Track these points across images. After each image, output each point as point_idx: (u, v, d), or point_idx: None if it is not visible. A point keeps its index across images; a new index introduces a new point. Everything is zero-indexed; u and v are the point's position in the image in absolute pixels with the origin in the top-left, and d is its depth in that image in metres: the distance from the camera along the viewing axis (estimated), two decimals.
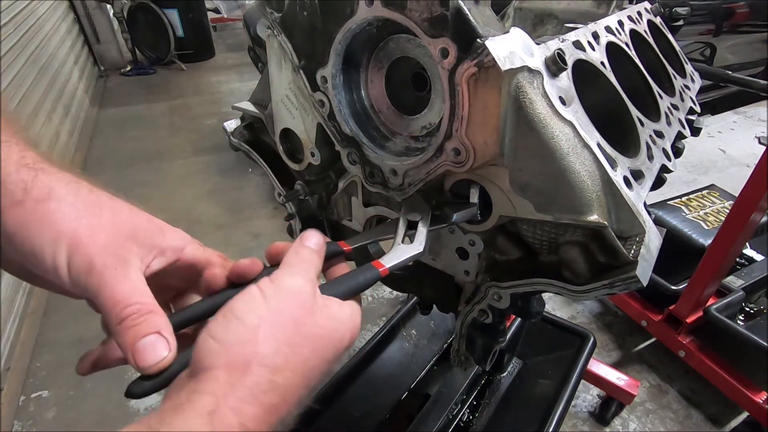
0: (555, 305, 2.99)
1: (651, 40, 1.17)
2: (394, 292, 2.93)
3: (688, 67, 1.33)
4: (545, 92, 0.63)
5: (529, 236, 0.71)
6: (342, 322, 0.56)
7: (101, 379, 2.45)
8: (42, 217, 0.52)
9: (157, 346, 0.52)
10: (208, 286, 0.66)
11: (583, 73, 0.79)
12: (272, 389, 0.46)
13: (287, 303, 0.52)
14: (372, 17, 0.74)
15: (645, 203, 0.71)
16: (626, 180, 0.66)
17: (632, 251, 0.60)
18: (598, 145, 0.65)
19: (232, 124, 1.23)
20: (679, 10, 1.88)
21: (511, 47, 0.62)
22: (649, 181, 0.72)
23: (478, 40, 0.61)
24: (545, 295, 2.82)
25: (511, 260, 0.75)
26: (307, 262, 0.60)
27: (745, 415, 2.32)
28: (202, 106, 5.92)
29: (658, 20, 1.31)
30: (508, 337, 1.83)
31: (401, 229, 0.75)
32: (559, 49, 0.69)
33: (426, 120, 0.84)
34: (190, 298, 0.69)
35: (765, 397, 2.15)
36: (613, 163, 0.66)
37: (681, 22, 1.91)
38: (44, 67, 4.43)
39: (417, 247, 0.71)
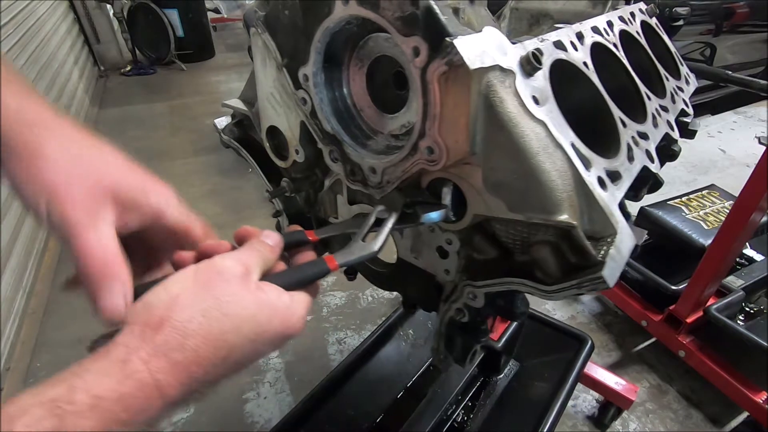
0: (555, 305, 2.98)
1: (643, 41, 1.16)
2: (395, 292, 2.94)
3: (684, 69, 1.32)
4: (517, 91, 0.62)
5: (503, 236, 0.71)
6: (273, 308, 0.58)
7: None
8: (33, 172, 0.57)
9: (118, 303, 0.56)
10: (177, 267, 0.68)
11: (564, 73, 0.79)
12: (181, 350, 0.50)
13: (212, 280, 0.56)
14: (348, 16, 0.75)
15: (624, 204, 0.71)
16: (600, 180, 0.66)
17: (602, 252, 0.60)
18: (572, 145, 0.65)
19: (223, 121, 1.26)
20: (679, 10, 1.88)
21: (482, 46, 0.62)
22: (626, 182, 0.72)
23: (447, 38, 0.61)
24: None
25: (488, 260, 0.75)
26: (252, 250, 0.64)
27: (745, 415, 2.31)
28: (202, 106, 5.91)
29: (653, 21, 1.30)
30: (505, 339, 1.86)
31: (366, 225, 0.75)
32: (536, 48, 0.68)
33: (405, 118, 0.84)
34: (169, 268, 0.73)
35: (765, 397, 2.14)
36: (587, 164, 0.65)
37: (681, 22, 1.90)
38: (44, 67, 4.43)
39: (372, 246, 0.71)
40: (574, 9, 1.31)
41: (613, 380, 2.22)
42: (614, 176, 0.70)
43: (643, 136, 0.87)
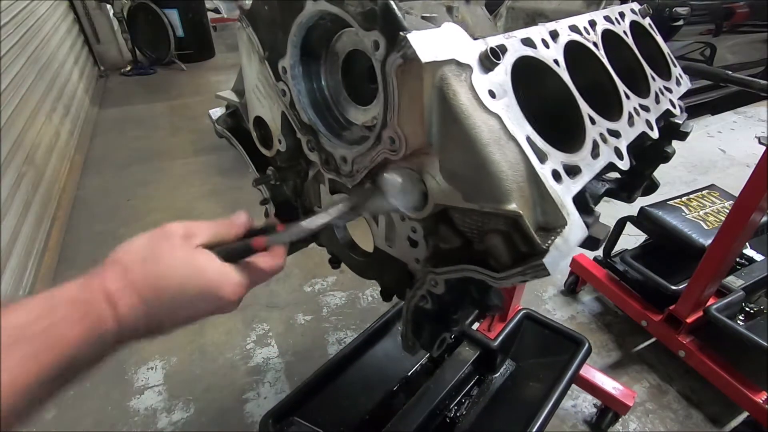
0: (555, 305, 2.98)
1: (630, 40, 1.16)
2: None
3: (676, 70, 1.31)
4: (472, 85, 0.65)
5: (461, 225, 0.73)
6: (199, 267, 0.69)
7: (101, 379, 2.49)
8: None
9: None
10: None
11: (533, 70, 0.80)
12: (122, 279, 0.64)
13: (157, 237, 0.70)
14: (318, 11, 0.79)
15: (585, 198, 0.71)
16: (555, 173, 0.67)
17: (549, 242, 0.62)
18: (528, 138, 0.66)
19: (217, 112, 1.31)
20: (679, 10, 1.87)
21: (438, 41, 0.65)
22: (586, 176, 0.73)
23: (401, 33, 0.64)
24: (544, 296, 2.81)
25: (452, 249, 0.77)
26: (208, 222, 0.76)
27: (745, 415, 2.30)
28: (202, 106, 5.92)
29: (646, 22, 1.29)
30: (501, 338, 1.87)
31: (314, 215, 0.79)
32: (498, 44, 0.71)
33: (376, 110, 0.87)
34: None
35: (765, 397, 2.13)
36: (542, 157, 0.67)
37: (681, 22, 1.89)
38: (44, 67, 4.48)
39: (304, 225, 0.77)
40: (569, 9, 1.33)
41: (611, 385, 2.22)
42: (573, 170, 0.71)
43: (614, 133, 0.87)
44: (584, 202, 0.73)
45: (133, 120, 5.61)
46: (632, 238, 3.07)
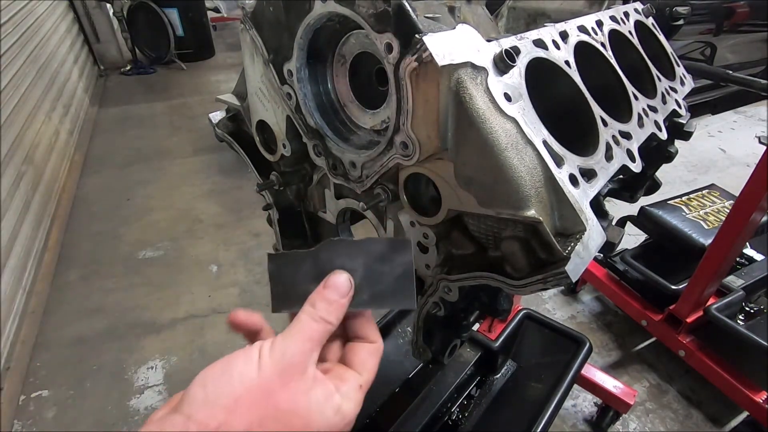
0: (555, 305, 2.98)
1: (635, 40, 1.15)
2: None
3: (679, 70, 1.30)
4: (488, 88, 0.63)
5: (475, 230, 0.71)
6: (318, 411, 0.53)
7: (101, 379, 2.47)
8: None
9: None
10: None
11: (545, 71, 0.79)
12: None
13: (273, 372, 0.52)
14: (327, 12, 0.76)
15: (600, 202, 0.70)
16: (572, 178, 0.66)
17: (569, 248, 0.60)
18: (545, 142, 0.65)
19: (217, 116, 1.28)
20: (680, 9, 1.86)
21: (453, 43, 0.63)
22: (602, 180, 0.72)
23: (416, 35, 0.62)
24: (545, 296, 2.80)
25: (465, 255, 0.75)
26: (318, 317, 0.59)
27: (745, 414, 2.31)
28: (201, 106, 5.93)
29: (649, 21, 1.29)
30: (502, 339, 1.86)
31: None
32: (512, 46, 0.69)
33: (385, 114, 0.86)
34: None
35: (765, 396, 2.14)
36: (559, 161, 0.65)
37: (681, 22, 1.88)
38: (44, 66, 4.46)
39: None
40: (571, 8, 1.32)
41: (611, 383, 2.22)
42: (589, 174, 0.70)
43: (626, 135, 0.86)
44: (599, 206, 0.72)
45: (132, 119, 5.60)
46: (632, 237, 3.07)
